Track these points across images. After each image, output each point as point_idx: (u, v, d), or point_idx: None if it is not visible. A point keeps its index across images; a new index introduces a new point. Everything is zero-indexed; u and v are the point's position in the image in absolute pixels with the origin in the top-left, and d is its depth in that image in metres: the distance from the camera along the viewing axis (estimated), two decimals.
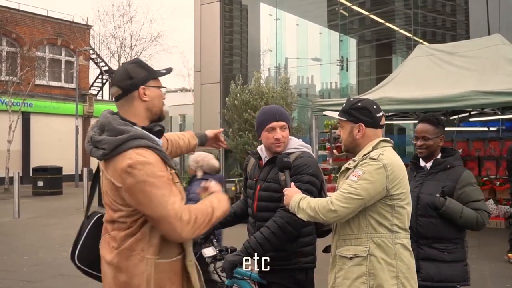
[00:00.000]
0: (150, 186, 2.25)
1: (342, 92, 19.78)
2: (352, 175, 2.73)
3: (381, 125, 2.89)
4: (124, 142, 2.31)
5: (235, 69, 18.95)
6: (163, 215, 2.27)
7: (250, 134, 12.12)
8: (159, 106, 2.54)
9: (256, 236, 3.00)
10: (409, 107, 9.90)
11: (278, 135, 3.17)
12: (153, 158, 2.31)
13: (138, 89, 2.45)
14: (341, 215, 2.67)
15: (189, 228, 2.32)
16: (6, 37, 26.13)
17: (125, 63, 2.59)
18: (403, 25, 18.87)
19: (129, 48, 26.48)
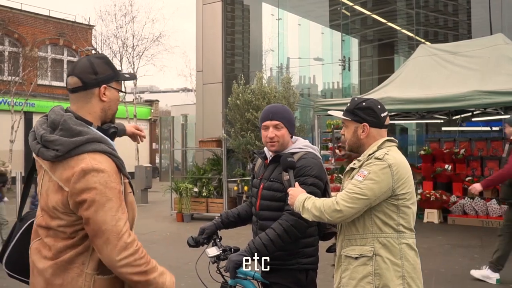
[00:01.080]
0: (100, 195, 2.12)
1: (344, 92, 19.78)
2: (357, 175, 2.72)
3: (386, 125, 2.88)
4: (80, 145, 2.16)
5: (237, 69, 18.95)
6: (103, 229, 2.13)
7: (253, 134, 12.12)
8: (114, 109, 2.40)
9: (261, 237, 3.00)
10: (411, 107, 9.89)
11: (271, 134, 3.17)
12: (109, 166, 2.19)
13: (100, 87, 2.29)
14: (346, 215, 2.67)
15: (125, 254, 2.15)
16: (9, 37, 26.14)
17: (91, 56, 2.41)
18: (405, 25, 18.86)
19: (131, 48, 26.46)
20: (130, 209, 2.31)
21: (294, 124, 3.28)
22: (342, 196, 2.69)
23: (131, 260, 2.16)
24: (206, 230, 3.33)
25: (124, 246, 2.15)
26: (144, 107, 32.62)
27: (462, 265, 7.81)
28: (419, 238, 3.13)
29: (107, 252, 2.14)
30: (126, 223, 2.19)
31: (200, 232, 3.34)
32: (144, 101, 35.48)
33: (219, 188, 13.11)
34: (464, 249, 9.00)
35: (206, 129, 16.75)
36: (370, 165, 2.71)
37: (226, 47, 18.26)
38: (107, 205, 2.14)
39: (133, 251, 2.17)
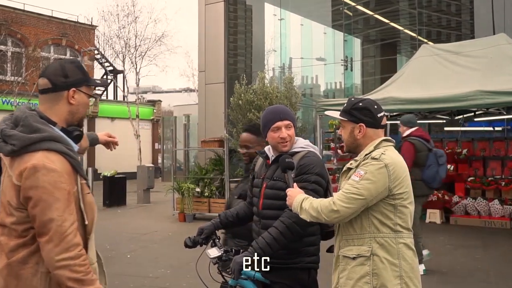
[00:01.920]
0: (48, 194, 2.14)
1: (347, 92, 19.77)
2: (354, 175, 2.73)
3: (382, 125, 2.90)
4: (36, 142, 2.19)
5: (240, 69, 18.96)
6: (48, 228, 2.14)
7: None
8: (82, 113, 2.43)
9: (264, 236, 3.00)
10: (413, 107, 9.87)
11: (284, 134, 3.17)
12: (61, 167, 2.20)
13: (69, 90, 2.34)
14: (343, 215, 2.67)
15: (64, 255, 2.14)
16: (11, 37, 26.20)
17: (63, 60, 2.46)
18: (407, 25, 18.84)
19: (133, 48, 26.45)
20: (89, 210, 2.33)
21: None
22: (339, 197, 2.70)
23: (70, 263, 2.15)
24: (205, 230, 3.33)
25: (65, 248, 2.15)
26: (147, 107, 32.65)
27: (464, 266, 7.80)
28: None
29: (48, 250, 2.15)
30: (73, 226, 2.19)
31: (198, 232, 3.34)
32: (146, 101, 35.52)
33: (221, 188, 13.12)
34: (466, 250, 8.99)
35: (209, 129, 16.76)
36: (367, 165, 2.71)
37: (229, 47, 18.27)
38: (54, 205, 2.15)
39: (74, 255, 2.16)
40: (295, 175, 3.08)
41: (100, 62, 31.52)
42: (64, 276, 2.15)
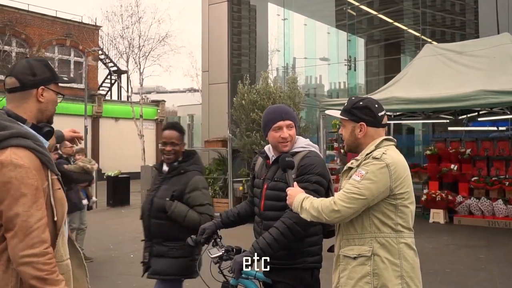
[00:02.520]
0: (14, 190, 2.14)
1: (350, 92, 19.74)
2: (355, 175, 2.71)
3: (383, 124, 2.87)
4: (4, 139, 2.20)
5: (243, 69, 18.95)
6: (14, 223, 2.14)
7: (258, 134, 12.12)
8: (51, 111, 2.45)
9: (265, 236, 3.00)
10: (417, 107, 9.87)
11: (285, 134, 3.16)
12: (30, 162, 2.20)
13: (37, 88, 2.36)
14: (344, 215, 2.66)
15: (28, 252, 2.12)
16: (16, 38, 26.29)
17: (30, 58, 2.47)
18: (411, 25, 18.80)
19: (137, 48, 26.50)
20: (59, 205, 2.32)
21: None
22: (340, 196, 2.68)
23: (33, 260, 2.13)
24: (207, 230, 3.33)
25: (30, 244, 2.13)
26: (151, 107, 32.71)
27: (467, 266, 7.78)
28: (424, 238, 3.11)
29: (12, 245, 2.14)
30: (40, 222, 2.17)
31: (200, 232, 3.34)
32: (150, 101, 35.57)
33: (225, 188, 13.13)
34: (469, 250, 8.97)
35: (212, 129, 16.76)
36: (368, 165, 2.69)
37: (232, 47, 18.27)
38: (21, 200, 2.14)
39: (38, 252, 2.14)
40: (296, 175, 3.07)
41: (104, 62, 31.60)
42: (27, 273, 2.13)
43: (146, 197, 3.96)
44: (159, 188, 3.86)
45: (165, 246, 3.76)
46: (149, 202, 3.86)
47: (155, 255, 3.79)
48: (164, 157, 3.88)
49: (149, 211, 3.84)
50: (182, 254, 3.72)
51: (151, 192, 3.91)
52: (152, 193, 3.90)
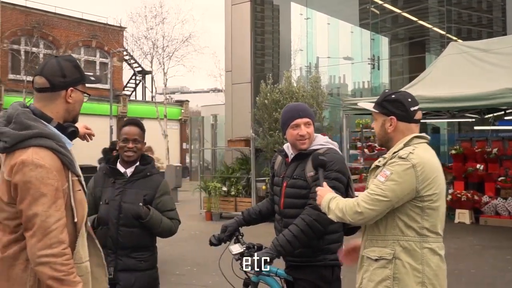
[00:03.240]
0: (34, 189, 2.15)
1: (374, 91, 19.61)
2: (380, 175, 2.60)
3: (416, 120, 2.73)
4: (27, 139, 2.21)
5: (266, 68, 18.97)
6: (33, 223, 2.14)
7: (281, 133, 12.12)
8: (77, 110, 2.45)
9: (285, 233, 3.02)
10: (442, 106, 9.76)
11: (303, 132, 3.17)
12: (50, 163, 2.21)
13: (67, 89, 2.36)
14: (367, 217, 2.57)
15: (46, 252, 2.12)
16: (43, 39, 26.75)
17: (61, 58, 2.45)
18: (436, 23, 18.58)
19: (161, 49, 26.77)
20: (80, 206, 2.32)
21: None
22: (363, 198, 2.58)
23: (51, 261, 2.13)
24: (229, 227, 3.37)
25: (48, 244, 2.13)
26: (175, 108, 32.94)
27: (493, 267, 7.67)
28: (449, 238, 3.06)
29: (31, 245, 2.15)
30: (59, 222, 2.17)
31: (222, 230, 3.38)
32: (174, 101, 35.83)
33: (248, 187, 13.17)
34: (495, 250, 8.83)
35: (235, 129, 16.82)
36: (393, 165, 2.58)
37: (255, 47, 18.30)
38: (40, 200, 2.15)
39: (56, 253, 2.14)
40: (314, 172, 3.08)
41: (128, 63, 31.95)
42: (44, 273, 2.14)
43: (109, 202, 3.42)
44: (124, 192, 3.43)
45: (132, 258, 3.39)
46: (116, 208, 3.39)
47: (121, 269, 3.37)
48: (125, 155, 3.49)
49: (117, 219, 3.38)
50: (149, 265, 3.48)
51: (115, 196, 3.42)
52: (116, 197, 3.42)
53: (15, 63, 25.83)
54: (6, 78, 25.36)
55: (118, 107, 29.45)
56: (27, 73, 24.14)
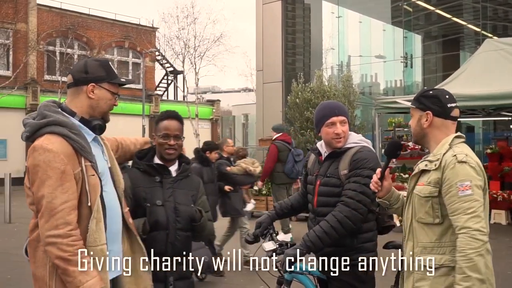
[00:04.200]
0: (42, 172, 2.28)
1: (407, 89, 19.37)
2: (461, 190, 2.47)
3: (453, 117, 2.67)
4: (43, 127, 2.37)
5: (297, 68, 18.94)
6: (41, 204, 2.27)
7: (312, 132, 12.11)
8: (103, 108, 2.56)
9: (316, 230, 3.01)
10: (477, 104, 9.57)
11: (339, 130, 3.16)
12: (60, 148, 2.32)
13: (87, 85, 2.50)
14: (486, 231, 2.45)
15: (53, 232, 2.24)
16: (78, 41, 27.26)
17: (90, 58, 2.65)
18: (471, 20, 18.25)
19: (193, 49, 26.95)
20: (93, 191, 2.40)
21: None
22: (471, 222, 2.43)
23: (57, 241, 2.24)
24: (263, 223, 3.38)
25: (55, 225, 2.25)
26: (206, 107, 33.14)
27: None
28: None
29: (40, 226, 2.28)
30: (65, 204, 2.28)
31: (256, 226, 3.39)
32: (206, 101, 36.04)
33: None
34: None
35: (266, 128, 16.83)
36: (460, 171, 2.49)
37: (286, 46, 18.30)
38: (46, 182, 2.28)
39: (62, 234, 2.25)
40: (348, 170, 3.07)
41: (160, 63, 32.29)
42: (52, 253, 2.26)
43: (164, 204, 3.04)
44: (175, 193, 3.09)
45: (183, 265, 3.05)
46: (172, 210, 3.04)
47: (178, 278, 3.04)
48: (166, 153, 3.08)
49: (175, 222, 3.04)
50: (190, 271, 3.18)
51: (168, 197, 3.06)
52: (169, 199, 3.06)
53: (51, 64, 26.41)
54: (42, 78, 25.95)
55: (151, 107, 29.80)
56: (62, 74, 24.65)
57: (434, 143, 2.67)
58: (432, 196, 2.54)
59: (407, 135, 12.81)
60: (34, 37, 24.99)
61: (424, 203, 2.57)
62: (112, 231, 2.49)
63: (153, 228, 2.95)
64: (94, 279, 2.28)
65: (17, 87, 23.10)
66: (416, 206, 2.61)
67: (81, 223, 2.34)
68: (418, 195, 2.59)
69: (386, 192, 2.73)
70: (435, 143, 2.66)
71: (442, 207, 2.53)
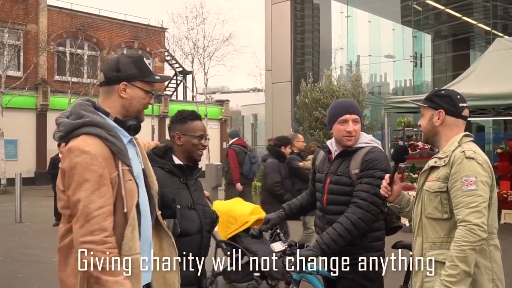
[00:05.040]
0: (78, 175, 2.16)
1: (416, 89, 19.29)
2: (466, 184, 2.51)
3: (463, 116, 2.72)
4: (79, 127, 2.25)
5: (306, 67, 18.93)
6: (77, 208, 2.15)
7: (321, 132, 12.09)
8: (137, 107, 2.42)
9: (329, 232, 3.01)
10: (487, 103, 9.53)
11: (350, 128, 3.15)
12: (97, 150, 2.21)
13: (119, 83, 2.36)
14: (486, 228, 2.47)
15: (87, 238, 2.12)
16: (88, 41, 27.40)
17: (124, 54, 2.47)
18: (481, 19, 18.14)
19: (202, 49, 27.01)
20: (129, 197, 2.29)
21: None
22: (472, 217, 2.46)
23: (92, 248, 2.12)
24: (271, 220, 3.40)
25: (90, 230, 2.13)
26: (215, 107, 33.19)
27: None
28: None
29: (74, 230, 2.15)
30: (101, 209, 2.16)
31: (264, 221, 3.41)
32: (215, 101, 36.11)
33: None
34: None
35: (275, 128, 16.85)
36: (467, 167, 2.53)
37: (295, 46, 18.29)
38: (83, 185, 2.15)
39: (97, 240, 2.13)
40: (360, 170, 3.07)
41: (170, 64, 32.39)
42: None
43: (195, 207, 3.01)
44: (198, 195, 3.10)
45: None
46: (203, 213, 3.03)
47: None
48: (198, 154, 3.10)
49: (206, 225, 3.04)
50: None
51: (197, 200, 3.05)
52: (198, 201, 3.07)
53: (61, 65, 26.57)
54: (52, 79, 26.11)
55: (160, 107, 29.90)
56: (72, 75, 24.80)
57: (445, 142, 2.71)
58: (441, 191, 2.59)
59: (417, 135, 12.77)
60: (45, 38, 25.16)
61: (433, 198, 2.61)
62: (144, 238, 2.39)
63: (187, 232, 2.90)
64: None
65: (27, 88, 23.27)
66: (425, 202, 2.65)
67: (115, 231, 2.21)
68: (428, 191, 2.64)
69: (396, 196, 2.78)
70: (445, 142, 2.71)
71: (450, 203, 2.57)
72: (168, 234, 2.58)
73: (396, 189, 2.77)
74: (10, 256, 8.60)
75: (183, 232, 2.86)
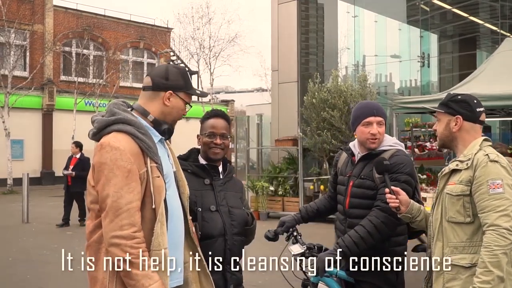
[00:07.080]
0: (108, 170, 2.22)
1: (423, 89, 19.22)
2: (490, 188, 2.48)
3: (481, 121, 2.74)
4: (110, 124, 2.33)
5: (312, 67, 18.87)
6: (106, 203, 2.21)
7: (329, 132, 12.05)
8: (175, 116, 2.51)
9: (351, 235, 2.97)
10: (497, 104, 9.45)
11: (375, 130, 3.11)
12: (126, 146, 2.27)
13: (166, 91, 2.46)
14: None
15: (117, 233, 2.16)
16: (93, 41, 27.44)
17: (171, 64, 2.61)
18: (488, 19, 18.05)
19: (207, 49, 27.03)
20: (157, 193, 2.32)
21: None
22: (501, 220, 2.42)
23: (121, 243, 2.16)
24: (287, 223, 3.35)
25: (119, 225, 2.18)
26: (220, 107, 33.22)
27: None
28: None
29: (104, 225, 2.21)
30: (130, 204, 2.20)
31: (280, 224, 3.37)
32: (220, 101, 36.12)
33: (295, 187, 13.15)
34: None
35: (282, 128, 16.81)
36: (492, 170, 2.50)
37: (301, 46, 18.23)
38: (112, 181, 2.21)
39: (126, 235, 2.17)
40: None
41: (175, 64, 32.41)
42: (113, 254, 2.19)
43: (218, 209, 2.90)
44: (226, 196, 2.97)
45: (238, 272, 2.98)
46: (228, 215, 2.91)
47: (237, 284, 2.99)
48: (211, 152, 2.97)
49: (231, 227, 2.91)
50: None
51: (222, 201, 2.93)
52: (223, 202, 2.93)
53: (67, 65, 26.62)
54: (58, 79, 26.17)
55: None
56: (78, 75, 24.84)
57: (463, 146, 2.70)
58: (464, 195, 2.55)
59: (424, 135, 12.70)
60: (51, 38, 25.22)
61: (456, 201, 2.58)
62: (174, 237, 2.41)
63: (210, 235, 2.83)
64: (157, 283, 2.20)
65: (33, 88, 23.33)
66: (447, 206, 2.61)
67: (144, 226, 2.26)
68: (450, 194, 2.60)
69: (406, 205, 2.76)
70: (463, 146, 2.70)
71: (473, 206, 2.54)
72: (195, 242, 2.57)
73: (402, 198, 2.76)
74: (19, 257, 8.62)
75: (205, 235, 2.80)
